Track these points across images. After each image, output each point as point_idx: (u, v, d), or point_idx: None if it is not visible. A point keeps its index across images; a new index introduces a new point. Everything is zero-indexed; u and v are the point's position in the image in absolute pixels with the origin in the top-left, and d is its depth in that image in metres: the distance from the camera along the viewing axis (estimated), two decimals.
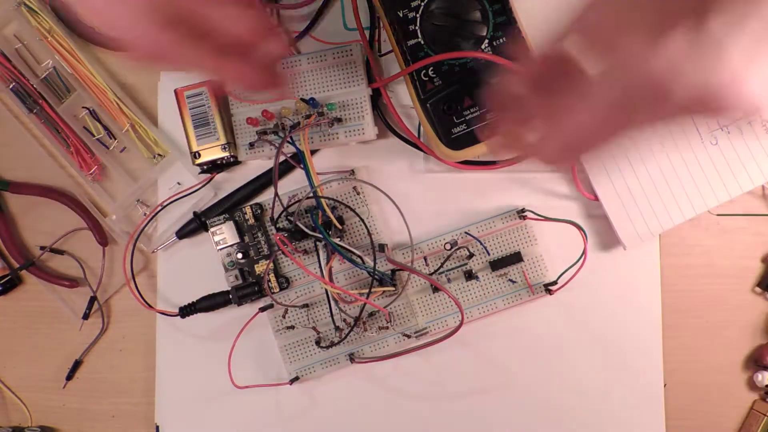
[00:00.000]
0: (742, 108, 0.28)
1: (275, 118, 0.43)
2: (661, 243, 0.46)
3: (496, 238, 0.45)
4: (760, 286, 0.46)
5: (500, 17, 0.42)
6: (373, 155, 0.46)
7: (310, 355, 0.45)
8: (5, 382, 0.48)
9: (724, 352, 0.46)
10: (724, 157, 0.45)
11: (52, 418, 0.47)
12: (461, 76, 0.42)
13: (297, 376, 0.45)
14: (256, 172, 0.46)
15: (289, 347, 0.45)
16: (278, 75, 0.33)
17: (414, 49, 0.43)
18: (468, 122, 0.42)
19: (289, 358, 0.45)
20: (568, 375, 0.45)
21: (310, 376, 0.45)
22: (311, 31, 0.46)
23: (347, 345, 0.45)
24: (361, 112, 0.43)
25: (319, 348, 0.45)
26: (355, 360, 0.45)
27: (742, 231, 0.46)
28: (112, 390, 0.47)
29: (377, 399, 0.46)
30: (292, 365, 0.45)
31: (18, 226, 0.48)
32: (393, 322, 0.45)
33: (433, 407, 0.46)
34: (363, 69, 0.44)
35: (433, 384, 0.46)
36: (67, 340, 0.47)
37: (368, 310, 0.45)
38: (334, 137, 0.44)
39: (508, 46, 0.41)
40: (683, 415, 0.46)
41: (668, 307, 0.46)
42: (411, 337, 0.45)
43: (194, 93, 0.44)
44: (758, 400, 0.46)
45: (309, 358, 0.45)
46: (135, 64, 0.42)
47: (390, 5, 0.43)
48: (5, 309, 0.48)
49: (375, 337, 0.45)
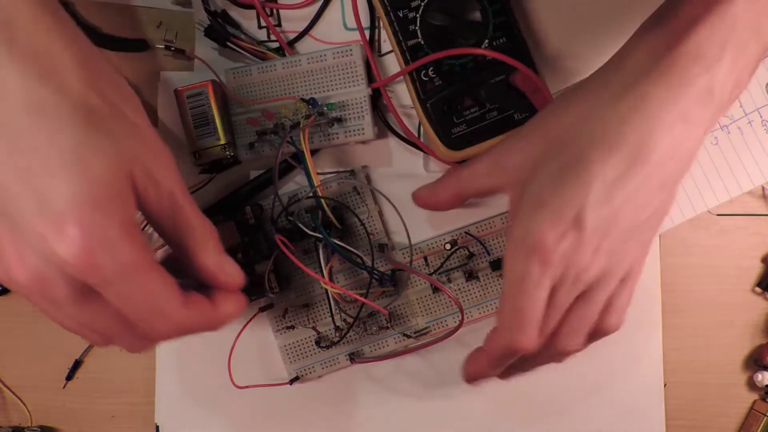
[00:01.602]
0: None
1: (275, 118, 0.43)
2: (661, 243, 0.46)
3: (496, 238, 0.45)
4: (760, 286, 0.46)
5: (500, 17, 0.43)
6: (373, 155, 0.46)
7: (310, 355, 0.45)
8: (5, 382, 0.48)
9: (724, 352, 0.46)
10: (725, 156, 0.45)
11: (52, 418, 0.47)
12: (461, 76, 0.43)
13: (297, 375, 0.45)
14: (257, 172, 0.46)
15: (289, 347, 0.45)
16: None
17: (414, 49, 0.43)
18: (468, 122, 0.42)
19: (289, 358, 0.45)
20: (567, 374, 0.45)
21: (311, 376, 0.45)
22: (311, 31, 0.46)
23: (347, 345, 0.45)
24: (361, 112, 0.43)
25: (319, 348, 0.45)
26: (355, 360, 0.45)
27: (742, 231, 0.46)
28: (112, 390, 0.47)
29: (377, 399, 0.46)
30: (292, 365, 0.45)
31: None
32: (393, 322, 0.45)
33: (433, 407, 0.46)
34: (363, 69, 0.44)
35: (433, 384, 0.46)
36: (67, 340, 0.47)
37: (368, 310, 0.44)
38: (334, 137, 0.44)
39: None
40: (683, 415, 0.46)
41: (668, 307, 0.46)
42: (411, 337, 0.45)
43: (195, 93, 0.44)
44: (758, 400, 0.46)
45: (309, 359, 0.45)
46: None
47: (390, 5, 0.43)
48: (5, 309, 0.48)
49: (375, 338, 0.45)
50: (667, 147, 0.31)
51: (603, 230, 0.32)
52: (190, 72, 0.46)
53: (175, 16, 0.46)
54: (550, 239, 0.32)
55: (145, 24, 0.47)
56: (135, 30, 0.47)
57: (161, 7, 0.46)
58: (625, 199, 0.32)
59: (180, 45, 0.46)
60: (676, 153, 0.32)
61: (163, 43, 0.46)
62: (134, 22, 0.47)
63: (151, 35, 0.46)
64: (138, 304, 0.29)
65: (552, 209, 0.32)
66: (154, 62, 0.47)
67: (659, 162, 0.31)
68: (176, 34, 0.46)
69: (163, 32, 0.46)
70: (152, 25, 0.47)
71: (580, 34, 0.46)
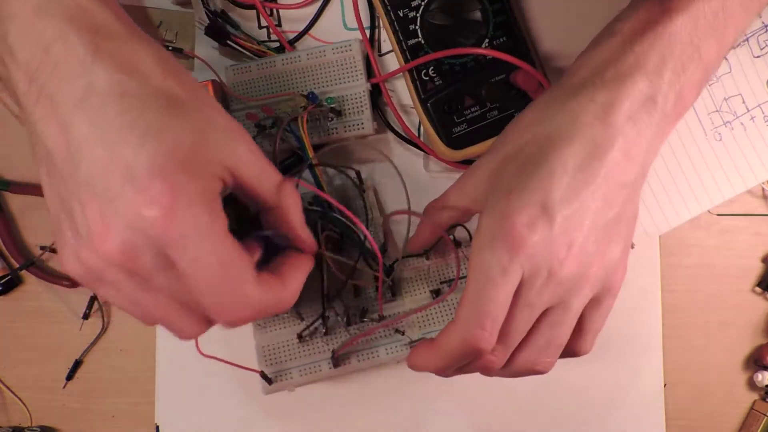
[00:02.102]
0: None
1: (274, 113, 0.43)
2: (661, 243, 0.46)
3: None
4: (760, 286, 0.46)
5: (500, 17, 0.43)
6: (373, 155, 0.46)
7: (293, 358, 0.43)
8: (5, 382, 0.47)
9: (724, 352, 0.46)
10: (729, 154, 0.45)
11: (52, 418, 0.47)
12: (462, 76, 0.43)
13: (270, 378, 0.43)
14: None
15: (269, 348, 0.43)
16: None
17: (414, 48, 0.43)
18: (469, 122, 0.42)
19: (265, 361, 0.43)
20: (567, 375, 0.45)
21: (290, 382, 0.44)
22: (311, 31, 0.46)
23: (333, 345, 0.43)
24: (361, 107, 0.44)
25: (300, 342, 0.43)
26: (340, 364, 0.43)
27: (742, 231, 0.46)
28: (112, 390, 0.47)
29: (377, 401, 0.46)
30: (269, 368, 0.43)
31: (18, 226, 0.48)
32: (386, 329, 0.43)
33: (431, 409, 0.46)
34: (362, 64, 0.44)
35: (431, 386, 0.46)
36: (67, 340, 0.47)
37: (360, 306, 0.43)
38: (333, 132, 0.44)
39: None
40: (683, 415, 0.46)
41: (668, 307, 0.46)
42: (405, 335, 0.43)
43: None
44: (758, 400, 0.46)
45: (290, 362, 0.43)
46: None
47: (390, 5, 0.43)
48: (5, 309, 0.48)
49: (365, 346, 0.43)
50: (621, 144, 0.32)
51: (573, 223, 0.32)
52: (191, 72, 0.46)
53: (175, 16, 0.46)
54: (519, 225, 0.31)
55: (144, 24, 0.47)
56: None
57: (161, 7, 0.47)
58: (589, 192, 0.32)
59: (180, 45, 0.46)
60: (631, 152, 0.33)
61: (162, 43, 0.46)
62: (134, 21, 0.47)
63: (151, 35, 0.46)
64: (210, 274, 0.29)
65: (519, 196, 0.32)
66: None
67: (616, 158, 0.32)
68: (176, 33, 0.46)
69: (163, 32, 0.46)
70: (152, 25, 0.47)
71: (579, 33, 0.45)
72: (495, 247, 0.32)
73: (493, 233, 0.32)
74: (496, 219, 0.32)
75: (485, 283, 0.32)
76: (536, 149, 0.33)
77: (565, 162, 0.32)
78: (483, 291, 0.32)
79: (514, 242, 0.31)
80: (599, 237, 0.33)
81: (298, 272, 0.34)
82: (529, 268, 0.32)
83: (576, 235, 0.32)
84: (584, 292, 0.34)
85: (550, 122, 0.34)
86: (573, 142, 0.32)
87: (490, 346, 0.33)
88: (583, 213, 0.32)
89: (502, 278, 0.32)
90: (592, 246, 0.33)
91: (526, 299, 0.33)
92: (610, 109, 0.33)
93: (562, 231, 0.32)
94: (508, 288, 0.32)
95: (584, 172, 0.32)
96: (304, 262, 0.35)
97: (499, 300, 0.32)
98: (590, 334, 0.36)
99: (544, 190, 0.32)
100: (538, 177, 0.32)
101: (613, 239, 0.34)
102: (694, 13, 0.34)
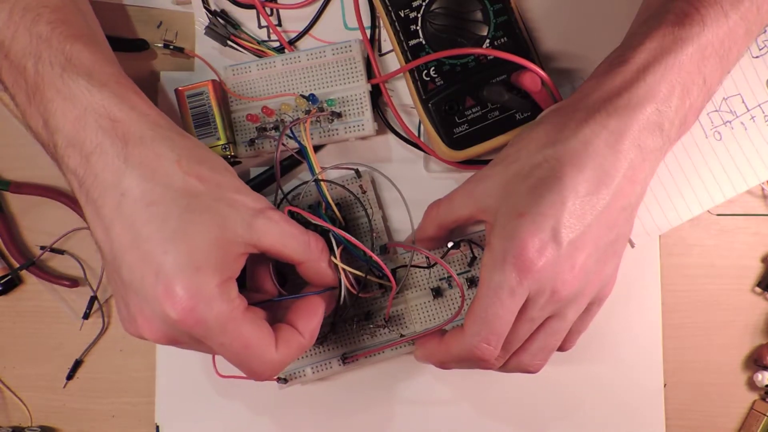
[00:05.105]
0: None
1: (275, 114, 0.43)
2: (661, 243, 0.46)
3: None
4: (760, 286, 0.46)
5: (501, 17, 0.43)
6: (373, 155, 0.46)
7: (304, 357, 0.44)
8: (5, 382, 0.47)
9: (724, 352, 0.46)
10: (729, 153, 0.45)
11: (52, 418, 0.47)
12: (463, 76, 0.43)
13: (285, 378, 0.44)
14: (257, 170, 0.46)
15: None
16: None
17: (415, 49, 0.43)
18: (470, 122, 0.42)
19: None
20: (567, 374, 0.45)
21: (307, 379, 0.45)
22: (311, 31, 0.46)
23: (342, 347, 0.45)
24: (361, 107, 0.44)
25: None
26: (347, 359, 0.44)
27: (741, 231, 0.46)
28: (112, 390, 0.47)
29: (377, 401, 0.46)
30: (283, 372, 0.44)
31: (18, 226, 0.48)
32: (390, 326, 0.44)
33: (428, 411, 0.46)
34: (362, 65, 0.44)
35: (430, 386, 0.46)
36: (67, 340, 0.47)
37: (365, 309, 0.44)
38: (334, 133, 0.44)
39: None
40: (683, 415, 0.46)
41: (668, 307, 0.46)
42: (406, 336, 0.44)
43: (195, 92, 0.44)
44: (758, 400, 0.46)
45: (301, 360, 0.44)
46: None
47: (391, 5, 0.43)
48: (5, 309, 0.47)
49: (370, 343, 0.44)
50: (626, 171, 0.35)
51: (578, 246, 0.34)
52: (191, 72, 0.46)
53: (175, 16, 0.46)
54: (531, 249, 0.34)
55: (145, 24, 0.47)
56: (135, 30, 0.47)
57: (161, 7, 0.47)
58: (595, 216, 0.34)
59: (180, 44, 0.46)
60: (635, 177, 0.35)
61: (162, 43, 0.46)
62: (134, 22, 0.47)
63: (151, 35, 0.46)
64: (237, 354, 0.34)
65: (531, 219, 0.34)
66: (154, 62, 0.47)
67: (621, 184, 0.35)
68: (176, 33, 0.46)
69: (163, 32, 0.46)
70: (152, 25, 0.46)
71: (579, 35, 0.46)
72: (506, 269, 0.34)
73: (504, 254, 0.34)
74: (508, 240, 0.34)
75: (494, 300, 0.34)
76: (549, 172, 0.35)
77: (576, 188, 0.34)
78: (491, 308, 0.35)
79: (524, 266, 0.34)
80: (599, 257, 0.36)
81: (315, 317, 0.38)
82: (535, 288, 0.34)
83: (580, 257, 0.35)
84: (580, 305, 0.37)
85: (564, 145, 0.35)
86: (585, 168, 0.34)
87: (493, 358, 0.36)
88: (588, 236, 0.34)
89: (510, 299, 0.34)
90: (593, 266, 0.35)
91: (529, 315, 0.36)
92: (620, 137, 0.34)
93: (569, 255, 0.34)
94: (514, 308, 0.35)
95: (593, 197, 0.34)
96: (320, 304, 0.38)
97: (505, 318, 0.35)
98: (575, 335, 0.40)
99: (556, 216, 0.34)
100: (551, 202, 0.34)
101: (610, 257, 0.37)
102: (703, 41, 0.35)
